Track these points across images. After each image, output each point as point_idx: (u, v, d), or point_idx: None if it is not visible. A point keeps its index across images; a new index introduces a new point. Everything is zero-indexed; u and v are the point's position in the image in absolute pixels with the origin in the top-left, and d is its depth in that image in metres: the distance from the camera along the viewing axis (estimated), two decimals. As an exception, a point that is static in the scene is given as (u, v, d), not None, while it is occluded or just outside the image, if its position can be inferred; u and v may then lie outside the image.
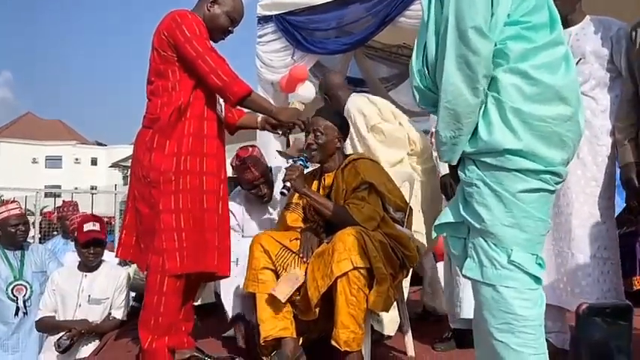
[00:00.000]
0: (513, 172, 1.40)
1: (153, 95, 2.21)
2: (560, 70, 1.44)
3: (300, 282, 2.19)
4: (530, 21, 1.44)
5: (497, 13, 1.40)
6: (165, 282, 2.09)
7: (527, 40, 1.42)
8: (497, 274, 1.41)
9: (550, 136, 1.40)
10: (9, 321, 3.31)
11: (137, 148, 2.23)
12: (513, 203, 1.40)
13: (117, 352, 2.74)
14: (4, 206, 3.46)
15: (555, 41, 1.46)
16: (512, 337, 1.41)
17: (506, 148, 1.38)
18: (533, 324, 1.41)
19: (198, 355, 2.36)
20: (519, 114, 1.38)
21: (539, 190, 1.42)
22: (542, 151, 1.40)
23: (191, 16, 2.15)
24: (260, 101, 2.30)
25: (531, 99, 1.39)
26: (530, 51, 1.41)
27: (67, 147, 41.51)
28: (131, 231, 2.24)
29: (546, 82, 1.40)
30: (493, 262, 1.42)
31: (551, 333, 2.34)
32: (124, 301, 3.16)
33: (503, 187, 1.41)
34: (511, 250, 1.41)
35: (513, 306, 1.40)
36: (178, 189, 2.13)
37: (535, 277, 1.42)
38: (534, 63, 1.40)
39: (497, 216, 1.41)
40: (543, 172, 1.41)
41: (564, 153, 1.45)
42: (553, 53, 1.44)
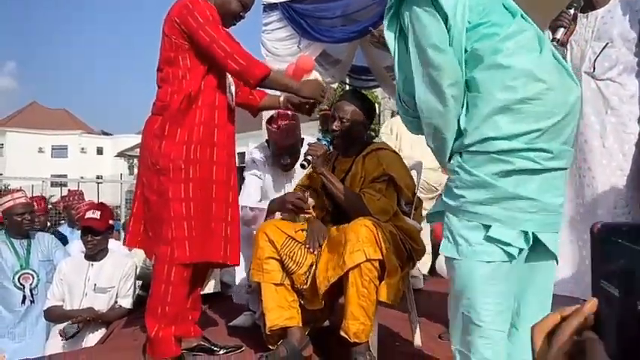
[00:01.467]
0: (492, 154, 1.46)
1: (163, 82, 2.18)
2: (533, 52, 1.50)
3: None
4: (489, 20, 1.52)
5: (454, 26, 1.50)
6: (172, 271, 2.08)
7: (492, 36, 1.50)
8: (472, 250, 1.48)
9: (532, 115, 1.44)
10: (15, 309, 3.32)
11: (146, 135, 2.20)
12: (492, 185, 1.45)
13: (123, 341, 2.75)
14: (10, 195, 3.46)
15: (520, 29, 1.52)
16: (473, 313, 1.48)
17: (487, 137, 1.46)
18: (497, 300, 1.48)
19: (204, 344, 2.36)
20: (501, 103, 1.45)
21: (522, 170, 1.45)
22: (524, 130, 1.44)
23: (202, 2, 2.12)
24: (280, 80, 2.26)
25: (509, 86, 1.45)
26: (498, 43, 1.49)
27: (73, 136, 41.62)
28: (139, 219, 2.23)
29: (519, 67, 1.46)
30: (468, 239, 1.48)
31: (559, 324, 2.32)
32: (131, 289, 3.17)
33: (482, 171, 1.47)
34: (489, 227, 1.46)
35: (482, 281, 1.46)
36: (188, 177, 2.11)
37: (509, 254, 1.46)
38: (505, 53, 1.47)
39: (476, 197, 1.48)
40: (525, 150, 1.45)
41: (550, 128, 1.46)
42: (521, 39, 1.50)
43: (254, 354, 2.36)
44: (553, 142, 1.47)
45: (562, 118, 1.47)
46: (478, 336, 1.50)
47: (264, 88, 2.31)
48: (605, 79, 2.18)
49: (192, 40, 2.10)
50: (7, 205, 3.35)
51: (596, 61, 2.18)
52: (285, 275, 2.26)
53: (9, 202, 3.34)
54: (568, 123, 1.50)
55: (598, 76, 2.18)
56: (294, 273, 2.24)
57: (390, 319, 2.73)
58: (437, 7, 1.50)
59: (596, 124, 2.17)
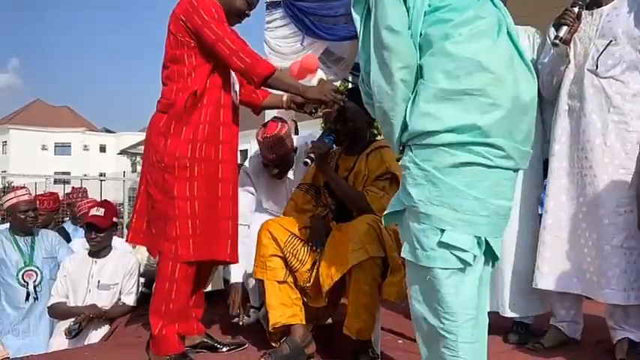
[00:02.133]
0: (439, 147, 1.41)
1: (168, 80, 2.18)
2: (484, 41, 1.45)
3: None
4: (449, 4, 1.49)
5: (414, 8, 1.47)
6: (177, 268, 2.08)
7: (446, 21, 1.47)
8: (426, 256, 1.42)
9: (477, 107, 1.40)
10: (19, 306, 3.33)
11: (151, 133, 2.20)
12: (441, 181, 1.40)
13: (127, 338, 2.76)
14: (13, 192, 3.46)
15: (478, 15, 1.48)
16: (437, 322, 1.43)
17: (429, 131, 1.41)
18: (457, 309, 1.42)
19: (207, 341, 2.36)
20: (443, 92, 1.41)
21: (470, 163, 1.40)
22: (468, 122, 1.39)
23: (208, 0, 2.11)
24: (285, 80, 2.25)
25: (453, 75, 1.41)
26: (450, 29, 1.45)
27: (76, 134, 41.75)
28: (142, 216, 2.23)
29: (466, 56, 1.42)
30: (423, 243, 1.42)
31: (563, 322, 2.33)
32: (134, 286, 3.18)
33: (431, 165, 1.42)
34: (442, 231, 1.40)
35: (441, 289, 1.41)
36: (193, 176, 2.11)
37: (464, 261, 1.41)
38: (454, 40, 1.44)
39: (427, 195, 1.42)
40: (474, 144, 1.40)
41: (498, 122, 1.41)
42: (476, 26, 1.46)
43: (257, 351, 2.36)
44: (504, 138, 1.43)
45: (508, 112, 1.42)
46: (443, 346, 1.44)
47: (268, 88, 2.30)
48: (608, 77, 2.17)
49: (198, 37, 2.10)
50: (10, 202, 3.36)
51: (599, 59, 2.17)
52: (288, 273, 2.27)
53: (12, 200, 3.35)
54: (519, 120, 1.46)
55: (601, 74, 2.17)
56: (298, 271, 2.25)
57: (392, 317, 2.73)
58: None
59: (598, 122, 2.17)
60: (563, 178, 2.26)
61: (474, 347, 1.45)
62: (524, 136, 1.48)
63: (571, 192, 2.24)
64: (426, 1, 1.48)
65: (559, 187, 2.26)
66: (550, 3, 3.36)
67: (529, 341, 2.34)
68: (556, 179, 2.27)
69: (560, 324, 2.33)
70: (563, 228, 2.25)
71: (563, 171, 2.26)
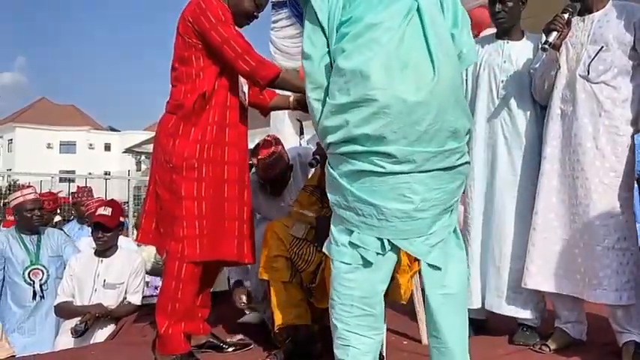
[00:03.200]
0: (341, 156, 1.54)
1: (177, 81, 2.19)
2: (371, 50, 1.49)
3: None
4: (350, 17, 1.55)
5: (328, 27, 1.55)
6: (183, 268, 2.09)
7: (343, 36, 1.54)
8: (336, 250, 1.59)
9: (363, 117, 1.47)
10: (25, 304, 3.34)
11: (160, 133, 2.21)
12: (344, 187, 1.53)
13: (132, 337, 2.76)
14: (20, 191, 3.49)
15: (372, 23, 1.51)
16: (332, 311, 1.60)
17: (329, 142, 1.55)
18: (353, 302, 1.55)
19: (213, 341, 2.37)
20: (335, 107, 1.51)
21: (365, 171, 1.50)
22: (355, 132, 1.49)
23: (216, 2, 2.12)
24: (291, 81, 2.27)
25: (344, 89, 1.49)
26: (344, 44, 1.53)
27: (81, 132, 41.89)
28: (151, 216, 2.24)
29: (351, 69, 1.48)
30: (336, 240, 1.59)
31: (568, 323, 2.33)
32: (140, 286, 3.19)
33: (337, 172, 1.55)
34: (352, 232, 1.55)
35: (342, 282, 1.56)
36: (201, 176, 2.13)
37: (366, 260, 1.54)
38: (345, 53, 1.51)
39: (337, 199, 1.57)
40: (366, 153, 1.49)
41: (385, 130, 1.46)
42: (367, 35, 1.51)
43: (262, 351, 2.37)
44: (395, 144, 1.46)
45: (394, 118, 1.45)
46: (336, 337, 1.60)
47: (275, 89, 2.31)
48: (599, 82, 2.20)
49: (204, 40, 2.11)
50: (17, 201, 3.38)
51: (590, 65, 2.21)
52: (293, 273, 2.27)
53: (19, 199, 3.37)
54: (411, 122, 1.46)
55: (592, 79, 2.21)
56: (303, 271, 2.26)
57: (398, 317, 2.73)
58: (316, 16, 1.57)
59: (589, 126, 2.20)
60: (555, 180, 2.29)
61: (365, 341, 1.57)
62: (419, 136, 1.48)
63: (562, 194, 2.27)
64: (337, 18, 1.54)
65: (550, 188, 2.29)
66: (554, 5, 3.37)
67: (535, 343, 2.33)
68: (547, 181, 2.30)
69: (564, 325, 2.33)
70: (553, 229, 2.28)
71: (555, 173, 2.29)
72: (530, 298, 2.39)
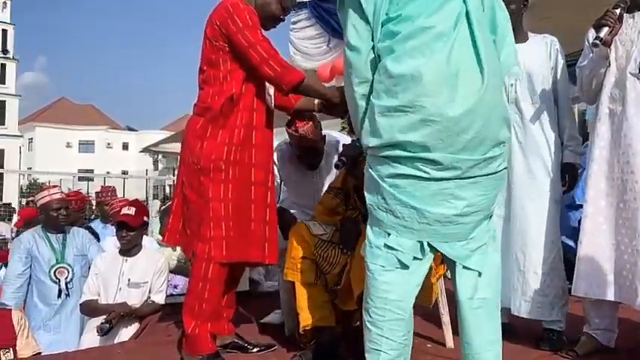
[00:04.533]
0: (384, 158, 1.52)
1: (205, 84, 2.21)
2: (427, 54, 1.46)
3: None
4: (400, 14, 1.50)
5: (374, 21, 1.51)
6: (210, 269, 2.11)
7: (393, 34, 1.49)
8: (371, 253, 1.56)
9: (411, 123, 1.45)
10: (51, 303, 3.38)
11: (187, 135, 2.24)
12: (385, 189, 1.51)
13: (158, 337, 2.79)
14: (47, 190, 3.53)
15: (425, 26, 1.47)
16: (366, 314, 1.58)
17: (371, 146, 1.52)
18: (385, 305, 1.54)
19: (238, 341, 2.39)
20: (382, 109, 1.47)
21: (407, 175, 1.48)
22: (402, 138, 1.46)
23: (243, 6, 2.14)
24: (314, 87, 2.30)
25: (391, 92, 1.46)
26: (394, 44, 1.48)
27: (100, 132, 42.40)
28: (178, 216, 2.26)
29: (402, 72, 1.45)
30: (371, 242, 1.57)
31: (598, 330, 2.29)
32: (163, 285, 3.22)
33: (377, 173, 1.53)
34: (389, 234, 1.52)
35: (376, 285, 1.54)
36: (228, 178, 2.14)
37: (402, 263, 1.52)
38: (395, 55, 1.47)
39: (376, 201, 1.55)
40: (410, 159, 1.47)
41: (432, 137, 1.45)
42: (419, 39, 1.47)
43: (286, 352, 2.38)
44: (441, 152, 1.45)
45: (442, 126, 1.43)
46: (368, 340, 1.58)
47: (299, 94, 2.33)
48: None
49: (231, 43, 2.13)
50: (43, 200, 3.41)
51: None
52: (318, 275, 2.28)
53: (46, 198, 3.41)
54: (458, 130, 1.45)
55: None
56: (328, 273, 2.26)
57: (421, 321, 2.72)
58: (361, 7, 1.52)
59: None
60: (602, 183, 2.22)
61: (396, 346, 1.56)
62: (465, 145, 1.47)
63: (610, 197, 2.20)
64: (383, 12, 1.50)
65: (598, 191, 2.23)
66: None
67: (562, 349, 2.31)
68: (595, 184, 2.23)
69: (594, 332, 2.30)
70: (602, 233, 2.22)
71: (603, 175, 2.22)
72: (556, 301, 2.37)
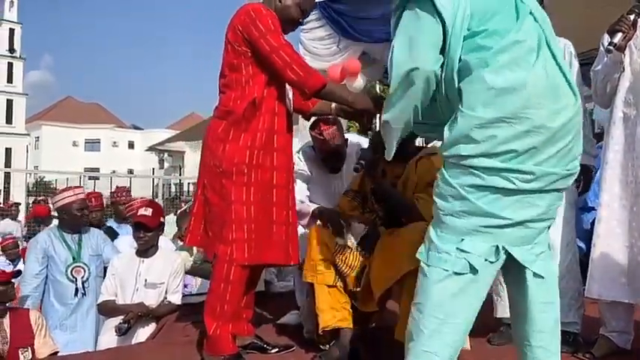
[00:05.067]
0: (468, 168, 1.49)
1: (226, 88, 2.23)
2: (523, 68, 1.47)
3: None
4: (487, 28, 1.51)
5: (452, 34, 1.49)
6: (232, 271, 2.14)
7: (485, 48, 1.49)
8: (437, 257, 1.52)
9: (513, 134, 1.44)
10: (68, 302, 3.40)
11: (209, 138, 2.26)
12: (465, 198, 1.49)
13: (176, 337, 2.82)
14: (72, 190, 3.54)
15: (517, 40, 1.49)
16: (419, 317, 1.54)
17: (463, 155, 1.49)
18: (445, 308, 1.50)
19: (257, 342, 2.41)
20: (477, 120, 1.46)
21: (494, 187, 1.47)
22: (501, 149, 1.45)
23: (265, 11, 2.17)
24: (336, 92, 2.32)
25: (490, 103, 1.45)
26: (489, 57, 1.47)
27: (105, 130, 42.53)
28: (199, 219, 2.29)
29: (503, 85, 1.45)
30: (438, 247, 1.52)
31: (614, 332, 2.31)
32: (180, 286, 3.25)
33: (457, 182, 1.50)
34: (462, 240, 1.49)
35: (436, 289, 1.50)
36: (250, 181, 2.17)
37: (472, 267, 1.48)
38: (493, 67, 1.46)
39: (450, 208, 1.52)
40: (502, 170, 1.46)
41: (532, 148, 1.45)
42: (514, 52, 1.48)
43: (304, 353, 2.41)
44: (536, 164, 1.47)
45: (543, 137, 1.45)
46: (420, 343, 1.54)
47: (320, 99, 2.35)
48: None
49: (253, 48, 2.15)
50: (69, 199, 3.42)
51: None
52: (338, 277, 2.30)
53: (71, 197, 3.42)
54: (554, 143, 1.48)
55: None
56: (347, 275, 2.28)
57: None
58: (437, 12, 1.50)
59: None
60: (616, 186, 2.25)
61: (450, 351, 1.53)
62: (557, 157, 1.50)
63: (624, 201, 2.23)
64: (465, 26, 1.50)
65: (612, 195, 2.25)
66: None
67: (578, 351, 2.33)
68: (609, 187, 2.26)
69: (610, 334, 2.32)
70: (616, 236, 2.24)
71: (617, 179, 2.25)
72: (572, 303, 2.38)
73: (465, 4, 1.50)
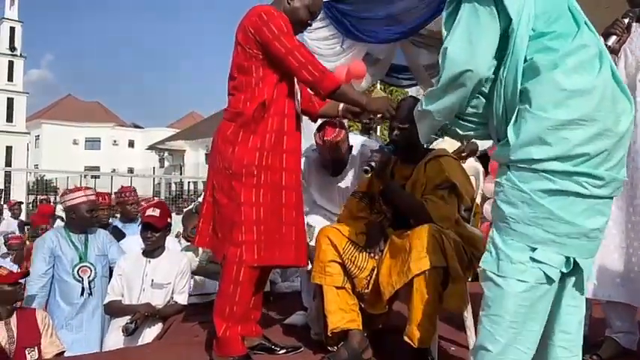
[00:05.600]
0: (540, 172, 1.45)
1: (236, 90, 2.24)
2: (591, 71, 1.47)
3: None
4: (554, 30, 1.50)
5: (517, 32, 1.47)
6: (241, 272, 2.15)
7: (554, 50, 1.48)
8: (512, 268, 1.46)
9: (586, 136, 1.42)
10: (74, 302, 3.40)
11: (218, 140, 2.27)
12: (536, 203, 1.44)
13: (183, 337, 2.83)
14: (82, 191, 3.54)
15: (582, 43, 1.49)
16: (497, 328, 1.48)
17: (535, 159, 1.44)
18: (526, 319, 1.47)
19: (265, 343, 2.42)
20: (549, 122, 1.43)
21: (567, 191, 1.44)
22: (575, 151, 1.42)
23: (277, 13, 2.18)
24: (350, 93, 2.34)
25: (562, 105, 1.43)
26: (558, 59, 1.46)
27: (106, 129, 42.51)
28: (208, 220, 2.30)
29: (574, 87, 1.43)
30: (510, 257, 1.47)
31: (619, 333, 2.32)
32: (186, 286, 3.26)
33: (528, 187, 1.45)
34: (534, 249, 1.45)
35: (517, 301, 1.46)
36: (259, 183, 2.18)
37: (549, 277, 1.46)
38: (563, 69, 1.45)
39: (520, 214, 1.46)
40: (575, 174, 1.43)
41: (602, 152, 1.44)
42: (582, 56, 1.47)
43: (312, 354, 2.41)
44: (605, 168, 1.46)
45: (612, 142, 1.45)
46: (495, 353, 1.50)
47: (333, 100, 2.36)
48: None
49: (266, 50, 2.16)
50: (79, 199, 3.42)
51: None
52: (346, 279, 2.31)
53: (82, 198, 3.42)
54: (617, 148, 1.48)
55: None
56: (356, 277, 2.29)
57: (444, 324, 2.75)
58: (499, 8, 1.48)
59: None
60: None
61: (526, 357, 1.51)
62: (618, 164, 1.50)
63: (619, 201, 2.24)
64: (530, 26, 1.48)
65: None
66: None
67: (586, 353, 2.33)
68: None
69: (616, 335, 2.33)
70: (611, 236, 2.26)
71: None
72: None
73: (530, 3, 1.48)
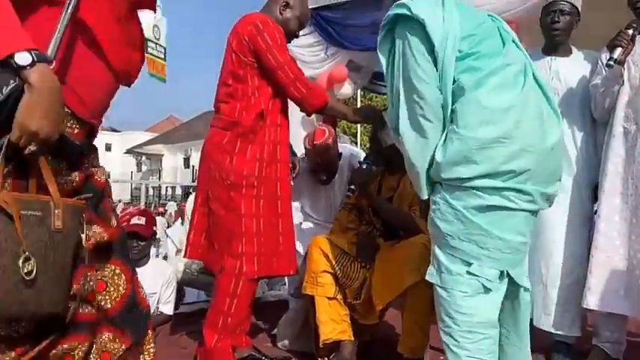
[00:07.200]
0: (471, 189, 1.50)
1: (231, 98, 2.21)
2: (514, 89, 1.52)
3: None
4: (478, 51, 1.55)
5: (444, 57, 1.51)
6: (240, 285, 2.11)
7: (477, 69, 1.53)
8: (451, 279, 1.54)
9: (509, 154, 1.47)
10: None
11: (211, 149, 2.24)
12: (469, 219, 1.50)
13: (169, 348, 2.78)
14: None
15: (506, 62, 1.54)
16: (449, 339, 1.55)
17: (464, 177, 1.49)
18: (473, 328, 1.53)
19: (255, 354, 2.38)
20: (474, 141, 1.47)
21: (496, 206, 1.49)
22: (501, 169, 1.47)
23: (272, 24, 2.16)
24: (336, 108, 2.38)
25: (485, 123, 1.47)
26: (482, 78, 1.51)
27: (82, 132, 41.74)
28: (199, 231, 2.26)
29: (497, 105, 1.48)
30: (450, 269, 1.54)
31: (607, 343, 2.34)
32: (172, 296, 3.20)
33: (460, 204, 1.51)
34: (470, 263, 1.51)
35: (460, 309, 1.53)
36: (259, 194, 2.16)
37: (486, 287, 1.52)
38: (486, 89, 1.50)
39: (455, 231, 1.52)
40: (504, 189, 1.48)
41: (528, 168, 1.48)
42: (505, 74, 1.53)
43: (302, 365, 2.40)
44: (532, 184, 1.50)
45: (537, 157, 1.49)
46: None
47: (321, 114, 2.39)
48: None
49: (260, 60, 2.15)
50: None
51: None
52: (338, 289, 2.30)
53: None
54: (545, 163, 1.52)
55: None
56: (348, 287, 2.29)
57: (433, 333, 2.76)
58: (427, 35, 1.52)
59: None
60: (617, 199, 2.27)
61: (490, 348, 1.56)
62: (547, 178, 1.54)
63: (624, 212, 2.26)
64: (456, 48, 1.53)
65: (612, 208, 2.27)
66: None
67: (573, 361, 2.36)
68: (609, 200, 2.28)
69: (603, 344, 2.35)
70: (615, 248, 2.26)
71: (617, 191, 2.27)
72: (577, 315, 2.40)
73: (455, 27, 1.53)
